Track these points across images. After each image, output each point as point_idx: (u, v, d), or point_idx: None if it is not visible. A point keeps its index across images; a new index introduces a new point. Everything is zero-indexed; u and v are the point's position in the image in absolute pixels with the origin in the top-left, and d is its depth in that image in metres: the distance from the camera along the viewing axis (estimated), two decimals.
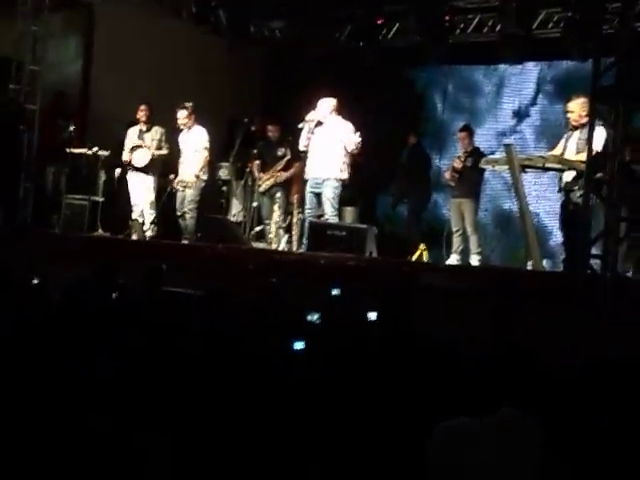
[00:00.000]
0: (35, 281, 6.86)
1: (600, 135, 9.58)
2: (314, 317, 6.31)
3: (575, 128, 10.14)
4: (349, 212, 14.01)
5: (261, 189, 13.52)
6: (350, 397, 4.10)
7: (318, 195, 11.73)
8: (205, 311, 6.19)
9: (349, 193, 13.23)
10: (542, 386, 4.07)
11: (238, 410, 4.03)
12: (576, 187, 9.87)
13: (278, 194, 13.39)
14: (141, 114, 12.99)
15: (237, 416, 3.98)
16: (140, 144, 12.94)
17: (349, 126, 11.82)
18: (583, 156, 9.34)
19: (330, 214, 11.68)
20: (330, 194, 11.64)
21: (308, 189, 11.83)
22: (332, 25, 14.54)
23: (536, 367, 4.44)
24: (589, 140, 9.27)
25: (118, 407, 4.05)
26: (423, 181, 14.42)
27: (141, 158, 12.96)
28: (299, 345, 5.01)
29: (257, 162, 13.60)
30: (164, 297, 7.17)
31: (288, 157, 13.34)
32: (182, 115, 12.77)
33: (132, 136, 13.08)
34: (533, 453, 2.89)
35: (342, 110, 11.97)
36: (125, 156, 13.07)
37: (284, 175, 13.39)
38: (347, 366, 4.67)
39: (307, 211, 11.89)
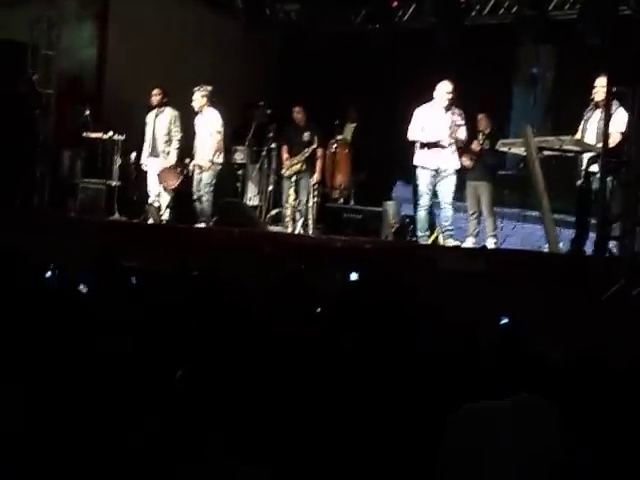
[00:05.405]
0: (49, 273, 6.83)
1: (622, 117, 9.53)
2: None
3: (597, 107, 10.04)
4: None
5: (286, 173, 13.43)
6: (371, 381, 4.10)
7: (439, 184, 11.43)
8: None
9: None
10: (556, 371, 4.07)
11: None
12: (595, 170, 9.81)
13: (301, 178, 13.31)
14: (153, 98, 12.98)
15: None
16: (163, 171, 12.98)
17: (456, 115, 11.50)
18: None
19: (448, 202, 11.44)
20: (452, 183, 11.43)
21: (427, 180, 11.44)
22: (347, 7, 14.49)
23: (548, 354, 4.44)
24: (606, 122, 9.23)
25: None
26: None
27: (169, 179, 13.00)
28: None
29: (285, 147, 13.50)
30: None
31: (314, 145, 13.22)
32: (195, 97, 12.75)
33: (149, 122, 13.08)
34: (550, 435, 2.89)
35: (458, 96, 11.51)
36: (144, 157, 13.10)
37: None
38: (370, 348, 4.66)
39: (423, 202, 11.49)
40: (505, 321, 5.87)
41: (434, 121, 11.46)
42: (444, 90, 11.40)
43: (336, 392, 3.95)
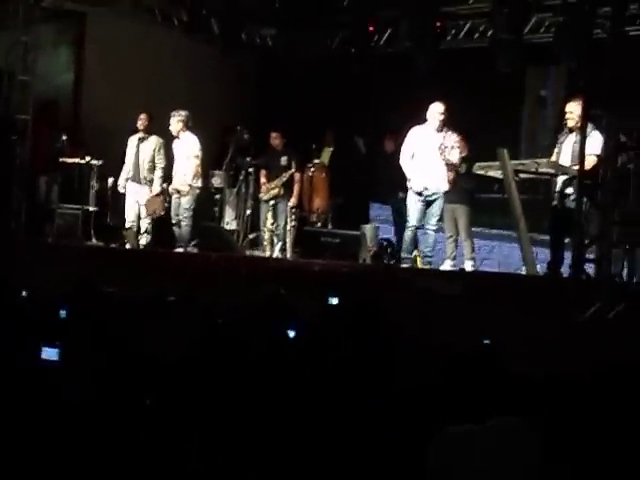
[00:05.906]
0: (24, 293, 6.83)
1: (596, 140, 9.60)
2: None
3: (571, 130, 10.13)
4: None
5: (264, 197, 13.43)
6: (352, 402, 4.10)
7: (427, 206, 11.27)
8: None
9: None
10: (536, 392, 4.09)
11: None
12: (570, 192, 9.88)
13: (278, 202, 13.29)
14: (140, 122, 12.99)
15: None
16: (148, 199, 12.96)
17: (452, 137, 11.36)
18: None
19: (432, 226, 11.29)
20: (438, 207, 11.32)
21: (417, 200, 11.27)
22: (324, 32, 14.56)
23: (525, 372, 4.47)
24: (582, 144, 9.30)
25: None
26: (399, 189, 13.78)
27: (155, 206, 12.96)
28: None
29: (263, 172, 13.51)
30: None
31: (292, 170, 13.21)
32: (172, 122, 12.77)
33: (131, 145, 13.10)
34: (531, 458, 2.91)
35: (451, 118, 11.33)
36: (121, 179, 13.09)
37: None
38: (347, 368, 4.67)
39: (411, 222, 11.31)
40: (485, 342, 5.89)
41: (426, 142, 11.30)
42: (436, 111, 11.27)
43: (317, 413, 3.95)
